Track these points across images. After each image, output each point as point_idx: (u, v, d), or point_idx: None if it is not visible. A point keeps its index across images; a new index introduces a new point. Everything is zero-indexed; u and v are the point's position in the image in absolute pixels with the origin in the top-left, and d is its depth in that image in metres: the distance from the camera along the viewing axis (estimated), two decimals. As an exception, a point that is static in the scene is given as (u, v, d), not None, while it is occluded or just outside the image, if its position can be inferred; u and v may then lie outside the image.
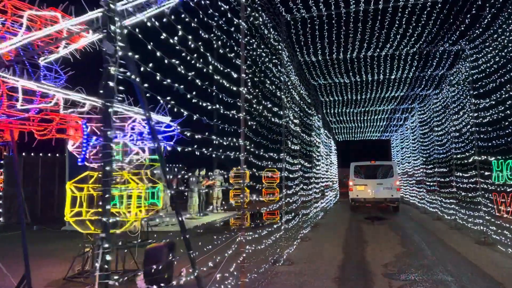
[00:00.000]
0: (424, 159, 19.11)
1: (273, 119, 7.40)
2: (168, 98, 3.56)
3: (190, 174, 16.81)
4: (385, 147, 35.95)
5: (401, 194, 25.84)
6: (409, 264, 8.28)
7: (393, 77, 13.91)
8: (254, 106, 6.16)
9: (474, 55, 10.68)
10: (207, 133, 4.41)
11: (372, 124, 25.20)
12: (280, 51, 8.46)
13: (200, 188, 16.70)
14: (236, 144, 5.26)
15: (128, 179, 7.40)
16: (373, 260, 8.68)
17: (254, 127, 6.07)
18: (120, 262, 7.71)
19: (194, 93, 3.95)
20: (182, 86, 3.65)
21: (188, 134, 4.25)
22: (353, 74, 13.32)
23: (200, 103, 4.17)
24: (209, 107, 4.39)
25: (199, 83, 4.12)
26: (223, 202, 19.07)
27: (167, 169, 13.96)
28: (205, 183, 16.95)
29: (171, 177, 16.85)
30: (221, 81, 4.79)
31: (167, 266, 6.74)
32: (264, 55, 7.01)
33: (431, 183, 17.65)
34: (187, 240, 3.92)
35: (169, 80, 3.47)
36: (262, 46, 6.97)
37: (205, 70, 4.30)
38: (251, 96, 5.94)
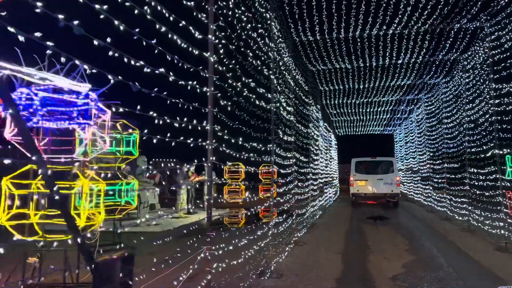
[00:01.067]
0: (431, 154, 17.73)
1: (257, 102, 6.04)
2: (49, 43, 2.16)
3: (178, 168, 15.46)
4: (388, 142, 34.56)
5: (405, 191, 24.99)
6: (421, 277, 6.92)
7: (400, 61, 12.49)
8: (230, 81, 4.80)
9: (496, 33, 9.26)
10: (139, 107, 3.07)
11: (374, 117, 23.81)
12: (268, 21, 7.06)
13: (188, 184, 15.35)
14: (198, 128, 3.90)
15: (79, 174, 6.07)
16: (379, 272, 7.32)
17: (229, 108, 4.71)
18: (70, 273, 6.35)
19: (108, 39, 2.57)
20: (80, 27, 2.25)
21: (113, 109, 2.89)
22: (355, 57, 11.91)
23: (127, 61, 2.80)
24: (146, 70, 3.03)
25: (122, 28, 2.72)
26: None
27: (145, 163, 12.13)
28: (193, 178, 15.59)
29: (155, 172, 15.50)
30: (170, 36, 3.41)
31: (122, 284, 5.43)
32: (244, 19, 5.62)
33: (439, 180, 16.28)
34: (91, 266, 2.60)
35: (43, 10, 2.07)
36: (243, 8, 5.58)
37: (136, 11, 2.92)
38: (224, 68, 4.58)
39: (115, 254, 5.80)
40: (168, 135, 4.03)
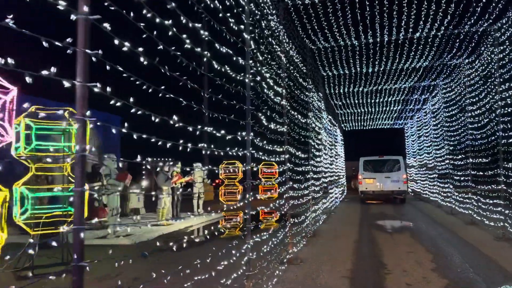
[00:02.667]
0: (451, 148, 15.51)
1: (216, 65, 3.92)
2: None
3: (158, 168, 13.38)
4: (398, 137, 32.34)
5: (419, 190, 23.49)
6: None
7: (417, 35, 10.30)
8: (148, 14, 2.72)
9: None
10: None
11: (384, 109, 21.60)
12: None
13: (170, 186, 13.30)
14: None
15: None
16: (402, 310, 5.21)
17: (145, 61, 2.64)
18: None
19: None
20: None
21: None
22: (363, 29, 9.72)
23: None
24: None
25: None
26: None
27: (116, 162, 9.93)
28: (176, 180, 13.51)
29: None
30: None
31: None
32: None
33: (462, 178, 14.06)
34: None
35: None
36: None
37: None
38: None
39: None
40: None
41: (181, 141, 3.47)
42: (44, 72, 2.06)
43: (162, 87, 2.80)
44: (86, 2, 2.16)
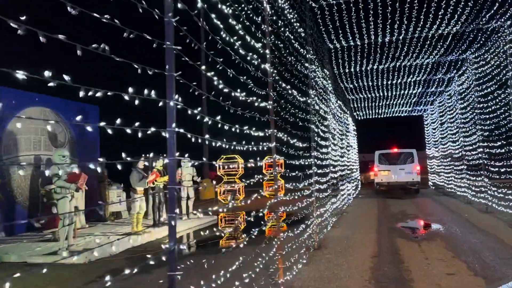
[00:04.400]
0: (485, 134, 12.95)
1: None
2: None
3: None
4: (416, 126, 29.70)
5: (442, 184, 21.67)
6: None
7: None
8: None
9: None
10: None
11: (402, 92, 19.04)
12: None
13: (145, 187, 11.04)
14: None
15: None
16: None
17: None
18: None
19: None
20: None
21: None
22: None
23: None
24: None
25: None
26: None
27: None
28: (153, 179, 11.20)
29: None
30: None
31: None
32: None
33: (502, 169, 11.54)
34: None
35: None
36: None
37: None
38: None
39: None
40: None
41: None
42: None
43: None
44: None
